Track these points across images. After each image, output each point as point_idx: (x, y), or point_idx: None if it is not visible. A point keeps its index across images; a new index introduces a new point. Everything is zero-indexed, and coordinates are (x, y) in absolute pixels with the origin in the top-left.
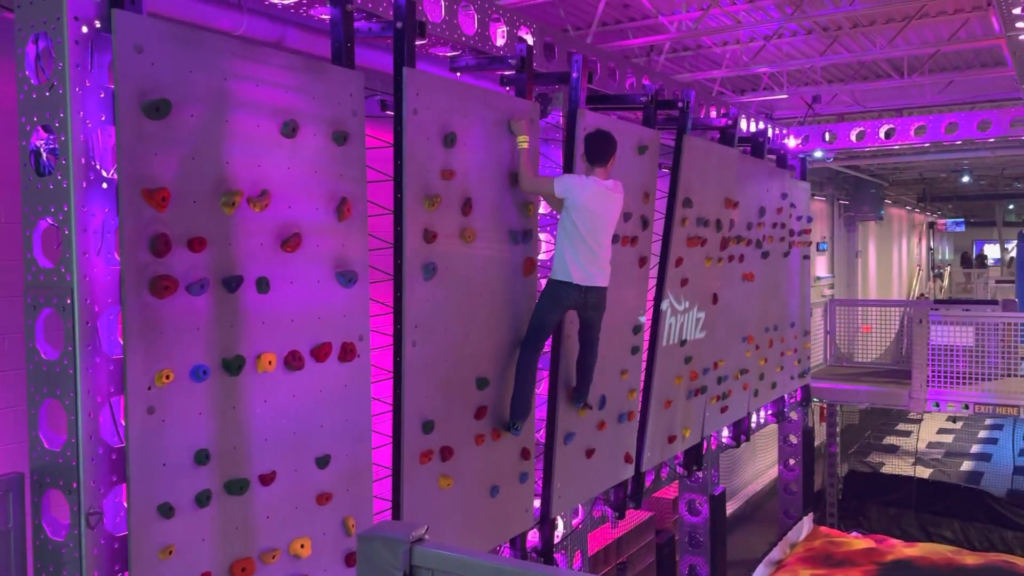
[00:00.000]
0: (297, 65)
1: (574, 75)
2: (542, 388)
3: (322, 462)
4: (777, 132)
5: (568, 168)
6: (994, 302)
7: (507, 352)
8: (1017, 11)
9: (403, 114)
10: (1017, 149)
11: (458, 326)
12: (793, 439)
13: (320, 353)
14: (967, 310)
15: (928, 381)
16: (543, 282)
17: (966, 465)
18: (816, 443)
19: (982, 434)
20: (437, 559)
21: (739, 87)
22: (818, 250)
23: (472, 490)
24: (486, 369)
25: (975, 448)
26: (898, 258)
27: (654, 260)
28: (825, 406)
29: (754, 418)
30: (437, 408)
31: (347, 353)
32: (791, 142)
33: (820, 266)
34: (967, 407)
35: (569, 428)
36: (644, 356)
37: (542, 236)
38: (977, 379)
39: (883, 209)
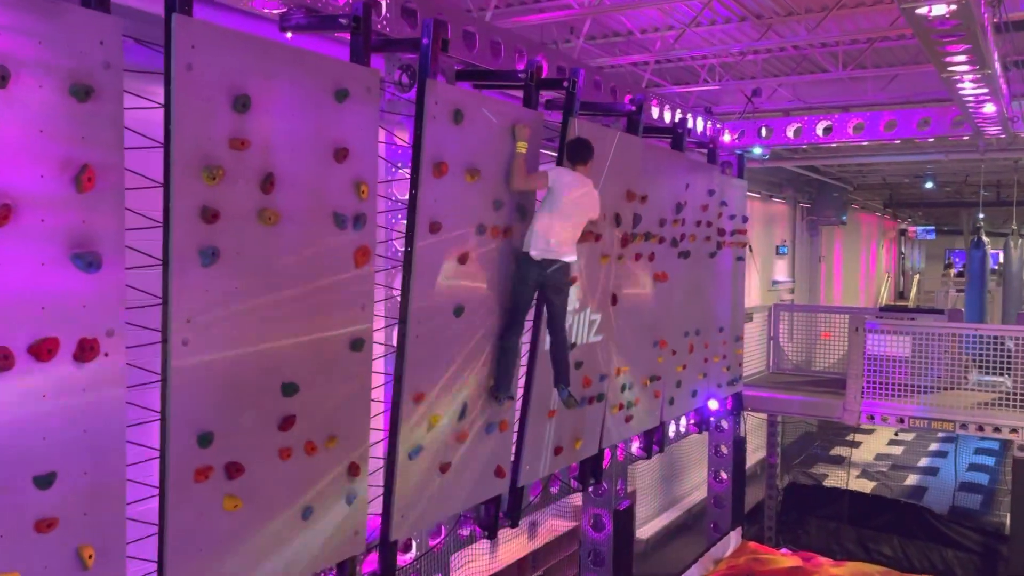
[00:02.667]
0: (13, 0)
1: (425, 41)
2: (384, 395)
3: (43, 481)
4: (712, 126)
5: (417, 143)
6: (940, 311)
7: (326, 354)
8: None
9: (172, 70)
10: (969, 152)
11: (254, 323)
12: (724, 449)
13: (41, 351)
14: (913, 319)
15: (863, 392)
16: (400, 278)
17: (911, 479)
18: (762, 455)
19: (933, 446)
20: None
21: (678, 79)
22: (777, 254)
23: (273, 512)
24: (295, 373)
25: (923, 461)
26: (866, 264)
27: None
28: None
29: (672, 428)
30: (220, 418)
31: (87, 351)
32: (727, 137)
33: (780, 270)
34: (902, 420)
35: (416, 440)
36: (523, 360)
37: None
38: (915, 392)
39: (846, 213)
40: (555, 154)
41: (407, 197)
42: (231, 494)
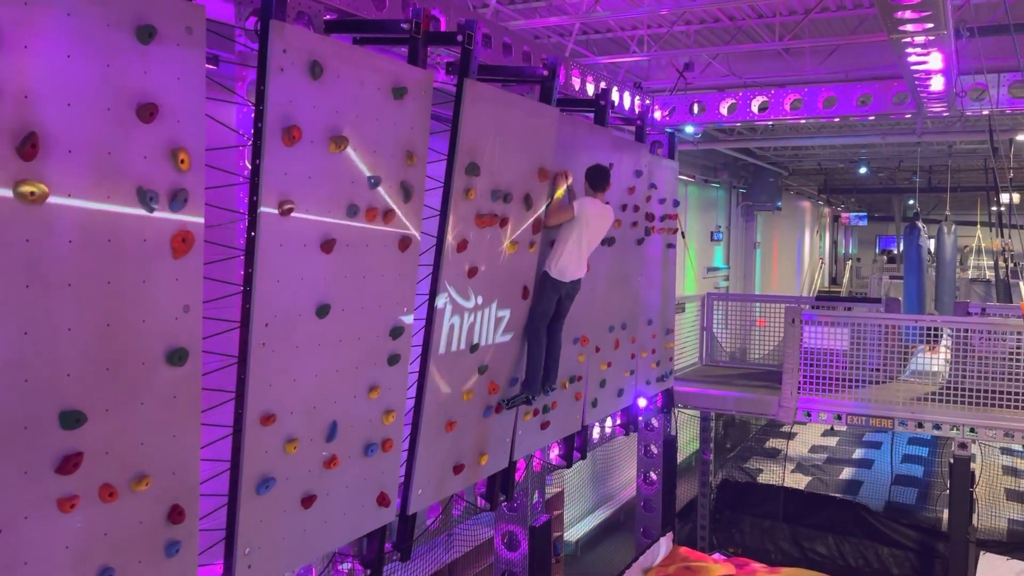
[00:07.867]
0: None
1: None
2: (223, 412)
3: None
4: (641, 102)
5: (259, 101)
6: (876, 300)
7: (131, 370)
8: None
9: None
10: (906, 135)
11: (10, 336)
12: (654, 449)
13: None
14: (850, 308)
15: (800, 388)
16: (239, 270)
17: (847, 472)
18: (695, 448)
19: (867, 436)
20: None
21: (606, 51)
22: (713, 239)
23: None
24: (80, 398)
25: (858, 452)
26: (802, 251)
27: (429, 242)
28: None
29: (597, 430)
30: None
31: None
32: (657, 114)
33: (716, 256)
34: (840, 417)
35: (266, 471)
36: (417, 366)
37: None
38: (853, 386)
39: (781, 199)
40: (448, 124)
41: None
42: None
